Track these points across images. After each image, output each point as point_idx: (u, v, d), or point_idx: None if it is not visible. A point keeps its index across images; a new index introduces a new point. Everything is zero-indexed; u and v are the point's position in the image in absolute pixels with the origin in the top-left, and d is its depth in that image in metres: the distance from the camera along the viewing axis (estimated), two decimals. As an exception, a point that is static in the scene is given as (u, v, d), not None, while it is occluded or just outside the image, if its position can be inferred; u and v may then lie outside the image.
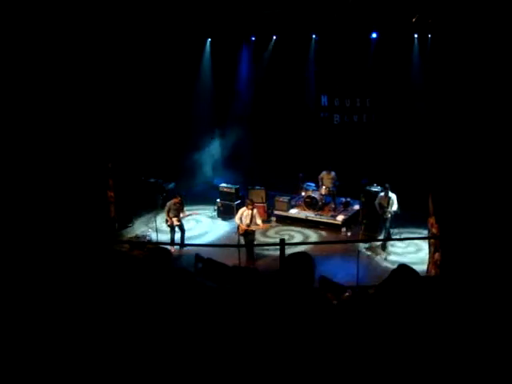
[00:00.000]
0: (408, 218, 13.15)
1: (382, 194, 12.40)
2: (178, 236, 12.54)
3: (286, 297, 3.17)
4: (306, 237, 13.32)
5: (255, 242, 12.02)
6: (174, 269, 3.73)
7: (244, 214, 11.62)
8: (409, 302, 3.01)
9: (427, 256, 10.41)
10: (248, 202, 11.91)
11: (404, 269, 3.21)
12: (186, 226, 12.69)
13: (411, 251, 12.17)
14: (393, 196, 12.26)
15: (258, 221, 11.68)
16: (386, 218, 12.33)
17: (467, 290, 3.54)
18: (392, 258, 11.83)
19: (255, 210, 11.75)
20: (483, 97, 7.72)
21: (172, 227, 12.35)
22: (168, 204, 12.41)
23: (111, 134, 12.72)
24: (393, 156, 13.96)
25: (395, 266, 3.32)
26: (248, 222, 11.53)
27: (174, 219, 12.26)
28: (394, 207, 12.25)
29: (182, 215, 12.40)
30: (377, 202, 12.45)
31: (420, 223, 12.28)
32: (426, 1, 10.26)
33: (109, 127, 12.59)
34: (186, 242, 12.57)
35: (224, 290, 3.58)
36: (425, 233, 11.59)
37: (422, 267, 10.09)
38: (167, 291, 3.43)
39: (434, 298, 3.19)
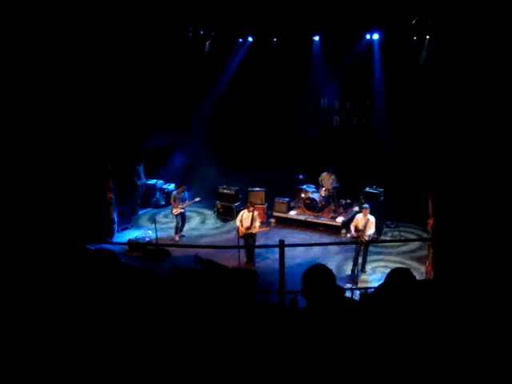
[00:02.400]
0: (408, 218, 13.19)
1: (360, 215, 11.19)
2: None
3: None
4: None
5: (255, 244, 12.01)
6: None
7: (244, 216, 11.64)
8: (406, 303, 3.02)
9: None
10: (249, 204, 11.94)
11: (400, 271, 3.22)
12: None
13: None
14: (371, 218, 10.98)
15: (257, 223, 11.71)
16: (362, 243, 10.90)
17: (465, 291, 3.55)
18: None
19: (256, 213, 11.77)
20: (483, 99, 7.73)
21: (177, 215, 13.18)
22: (174, 194, 13.44)
23: (111, 135, 12.74)
24: (392, 158, 13.96)
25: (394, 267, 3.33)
26: (248, 224, 11.56)
27: (178, 207, 13.08)
28: (371, 231, 10.95)
29: (185, 204, 13.26)
30: (353, 223, 11.23)
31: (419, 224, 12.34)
32: (426, 3, 10.26)
33: (109, 128, 12.61)
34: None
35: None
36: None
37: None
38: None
39: (431, 299, 3.19)
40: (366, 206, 11.25)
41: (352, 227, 11.21)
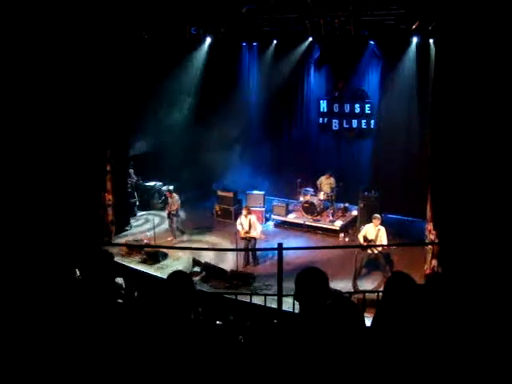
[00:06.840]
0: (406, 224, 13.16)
1: (370, 225, 10.53)
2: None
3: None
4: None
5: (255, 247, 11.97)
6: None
7: (242, 221, 11.64)
8: (405, 308, 3.01)
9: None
10: (244, 209, 11.89)
11: (399, 276, 3.20)
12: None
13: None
14: (382, 229, 10.35)
15: (258, 229, 11.66)
16: (371, 255, 10.35)
17: (466, 295, 3.54)
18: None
19: (254, 217, 11.75)
20: (484, 103, 7.72)
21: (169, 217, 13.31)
22: (176, 198, 13.39)
23: (110, 137, 12.73)
24: (392, 162, 13.96)
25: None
26: (247, 228, 11.56)
27: (172, 209, 13.21)
28: (384, 242, 10.23)
29: (174, 207, 13.23)
30: (361, 233, 10.59)
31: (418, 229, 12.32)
32: (427, 7, 10.26)
33: (108, 130, 12.60)
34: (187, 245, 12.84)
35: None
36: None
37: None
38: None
39: (432, 304, 3.19)
40: (376, 215, 10.66)
41: (360, 237, 10.57)
